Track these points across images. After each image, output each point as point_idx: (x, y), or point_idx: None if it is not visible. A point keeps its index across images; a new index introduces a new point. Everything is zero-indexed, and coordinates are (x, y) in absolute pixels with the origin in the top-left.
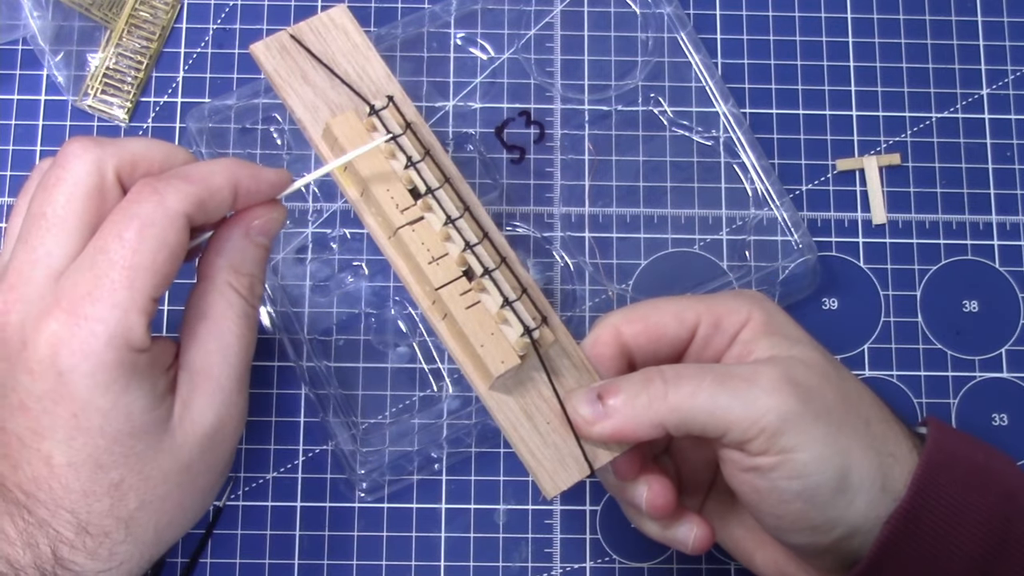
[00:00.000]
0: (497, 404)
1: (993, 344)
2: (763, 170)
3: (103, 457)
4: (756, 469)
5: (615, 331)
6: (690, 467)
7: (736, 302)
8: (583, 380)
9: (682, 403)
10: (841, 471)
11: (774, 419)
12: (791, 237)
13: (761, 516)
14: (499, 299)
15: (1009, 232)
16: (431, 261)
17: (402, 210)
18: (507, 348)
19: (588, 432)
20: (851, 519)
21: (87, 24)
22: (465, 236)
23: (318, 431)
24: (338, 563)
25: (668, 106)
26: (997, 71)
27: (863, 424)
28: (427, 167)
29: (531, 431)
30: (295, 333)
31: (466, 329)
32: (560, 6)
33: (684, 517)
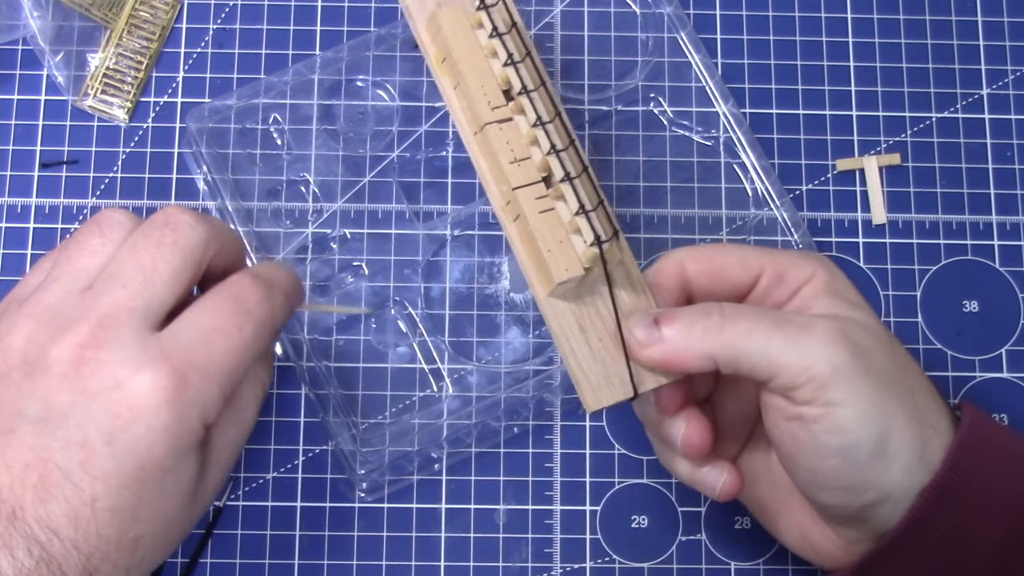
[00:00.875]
0: (553, 311)
1: (993, 344)
2: (763, 170)
3: (141, 511)
4: (799, 418)
5: (679, 265)
6: (728, 419)
7: (802, 259)
8: (641, 306)
9: (736, 339)
10: (882, 433)
11: (825, 369)
12: (791, 237)
13: (796, 469)
14: (575, 206)
15: (1009, 232)
16: (513, 161)
17: (493, 108)
18: (574, 257)
19: (639, 355)
20: (885, 484)
21: (87, 24)
22: (552, 140)
23: (318, 431)
24: (338, 563)
25: (668, 106)
26: (997, 71)
27: (909, 392)
28: (525, 69)
29: (582, 344)
30: (295, 333)
31: (536, 232)
32: (560, 6)
33: (716, 462)
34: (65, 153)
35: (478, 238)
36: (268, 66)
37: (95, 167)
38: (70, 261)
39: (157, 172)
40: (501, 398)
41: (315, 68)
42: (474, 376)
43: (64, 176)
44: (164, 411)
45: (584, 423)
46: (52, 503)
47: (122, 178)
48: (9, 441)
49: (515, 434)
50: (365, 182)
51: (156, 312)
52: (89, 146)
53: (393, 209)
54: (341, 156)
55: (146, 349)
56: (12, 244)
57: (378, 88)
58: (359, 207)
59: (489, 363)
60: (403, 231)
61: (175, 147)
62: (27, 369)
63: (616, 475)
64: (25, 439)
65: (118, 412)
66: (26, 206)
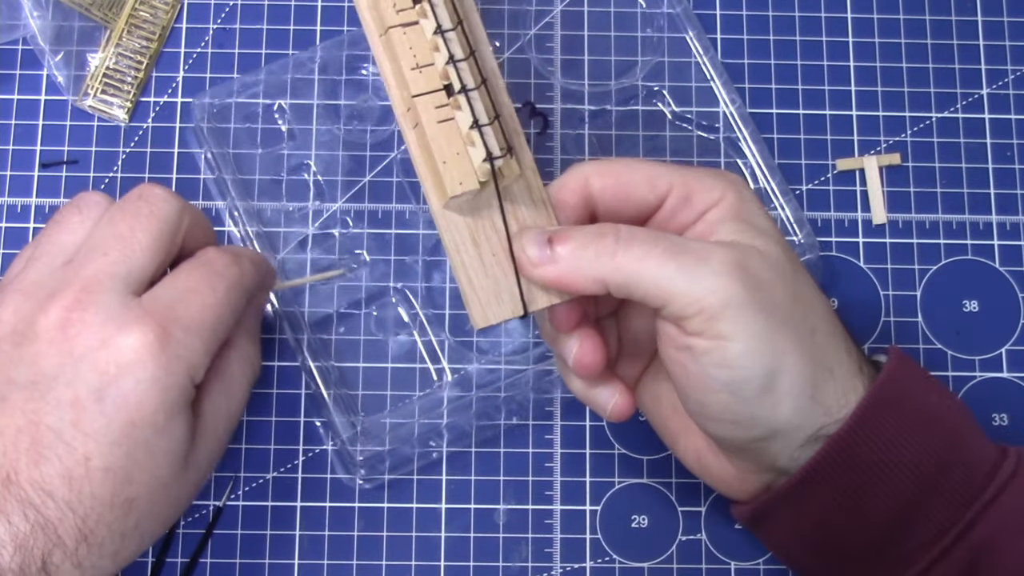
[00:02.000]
0: (447, 223)
1: (993, 344)
2: (768, 169)
3: (135, 471)
4: (688, 349)
5: (584, 180)
6: (632, 336)
7: (712, 180)
8: (539, 221)
9: (628, 265)
10: (771, 370)
11: (715, 302)
12: (796, 236)
13: (686, 400)
14: (469, 120)
15: (1009, 232)
16: (415, 67)
17: (398, 10)
18: (469, 170)
19: (530, 273)
20: (773, 421)
21: (87, 24)
22: (451, 49)
23: (318, 431)
24: (338, 563)
25: (674, 105)
26: (997, 71)
27: (808, 331)
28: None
29: (474, 258)
30: (296, 327)
31: (433, 143)
32: (560, 6)
33: (610, 382)
34: (65, 153)
35: None
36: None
37: (95, 167)
38: (50, 239)
39: (157, 172)
40: (501, 386)
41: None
42: (474, 366)
43: (64, 176)
44: (150, 364)
45: (584, 423)
46: (46, 464)
47: (122, 178)
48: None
49: (515, 429)
50: (366, 181)
51: (137, 278)
52: (89, 146)
53: (394, 208)
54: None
55: (129, 309)
56: (12, 244)
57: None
58: (367, 206)
59: (489, 354)
60: (405, 227)
61: (175, 147)
62: (16, 339)
63: (616, 475)
64: (17, 405)
65: (105, 369)
66: (26, 206)
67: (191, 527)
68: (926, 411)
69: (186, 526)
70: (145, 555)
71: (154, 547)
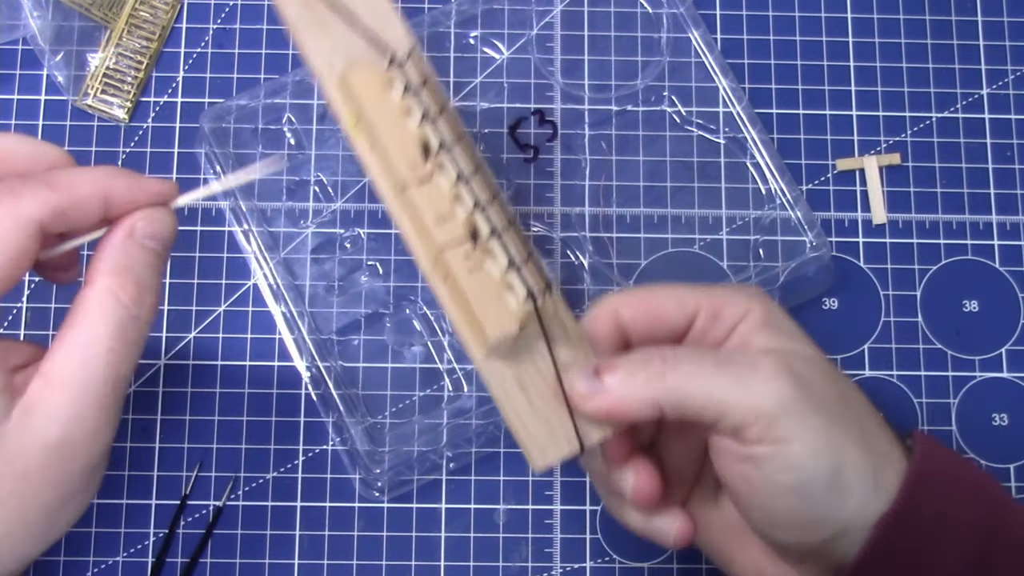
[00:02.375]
0: (491, 372)
1: (993, 344)
2: (777, 169)
3: None
4: (750, 459)
5: (614, 312)
6: (674, 463)
7: (737, 295)
8: (579, 358)
9: (680, 384)
10: (836, 466)
11: (772, 406)
12: (806, 237)
13: (751, 511)
14: (504, 262)
15: (1009, 232)
16: (437, 221)
17: (412, 168)
18: (507, 315)
19: (583, 407)
20: (843, 517)
21: (87, 24)
22: (476, 195)
23: (318, 431)
24: (338, 563)
25: (682, 106)
26: (997, 71)
27: (857, 422)
28: (442, 124)
29: (524, 403)
30: (312, 333)
31: (468, 292)
32: (560, 6)
33: (668, 509)
34: None
35: None
36: (268, 66)
37: None
38: None
39: (157, 172)
40: None
41: None
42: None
43: None
44: None
45: None
46: None
47: None
48: None
49: None
50: (365, 182)
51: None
52: (89, 146)
53: None
54: (342, 156)
55: None
56: None
57: None
58: (372, 207)
59: None
60: None
61: (175, 147)
62: None
63: None
64: None
65: None
66: None
67: (191, 527)
68: (964, 479)
69: (186, 526)
70: (145, 555)
71: (154, 547)
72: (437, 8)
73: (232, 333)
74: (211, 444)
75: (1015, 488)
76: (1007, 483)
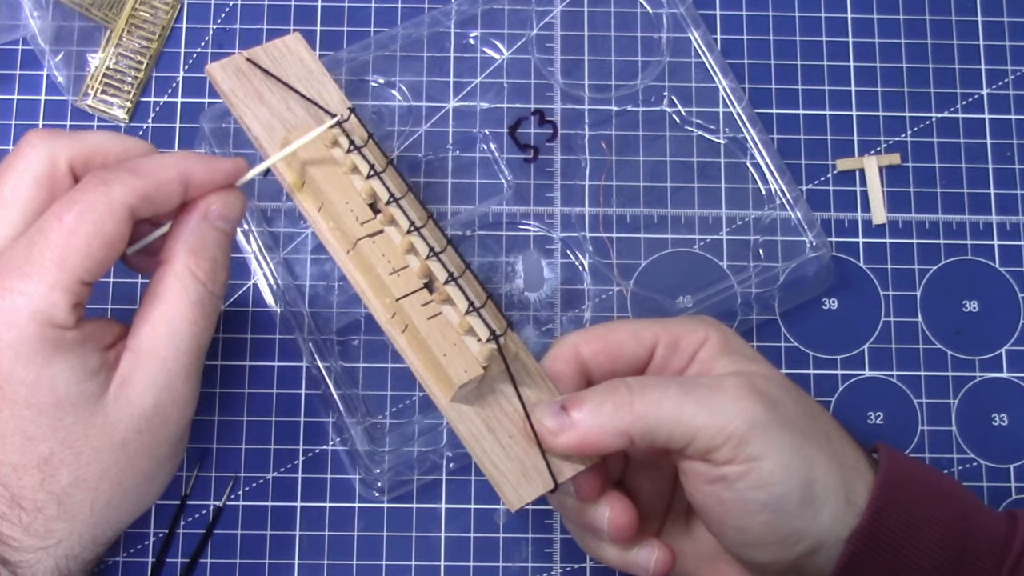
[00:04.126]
0: (459, 416)
1: (993, 344)
2: (777, 170)
3: (30, 429)
4: (722, 479)
5: (573, 349)
6: (644, 497)
7: (692, 323)
8: (543, 396)
9: (648, 411)
10: (807, 480)
11: (741, 425)
12: (806, 237)
13: (725, 532)
14: (464, 306)
15: (1009, 232)
16: (392, 272)
17: (362, 223)
18: (470, 358)
19: (553, 443)
20: (816, 532)
21: (87, 24)
22: (430, 243)
23: (318, 431)
24: (338, 563)
25: (682, 106)
26: (997, 71)
27: (824, 437)
28: (388, 179)
29: (493, 444)
30: (312, 333)
31: (428, 339)
32: (560, 6)
33: (644, 540)
34: None
35: (492, 238)
36: None
37: None
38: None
39: None
40: None
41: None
42: None
43: None
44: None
45: None
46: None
47: None
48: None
49: None
50: None
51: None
52: None
53: None
54: None
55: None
56: None
57: (392, 88)
58: None
59: None
60: None
61: (175, 147)
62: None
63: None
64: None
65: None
66: None
67: (191, 527)
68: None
69: (186, 526)
70: (145, 555)
71: (154, 547)
72: (437, 8)
73: (232, 333)
74: (211, 444)
75: (1015, 488)
76: (1007, 483)
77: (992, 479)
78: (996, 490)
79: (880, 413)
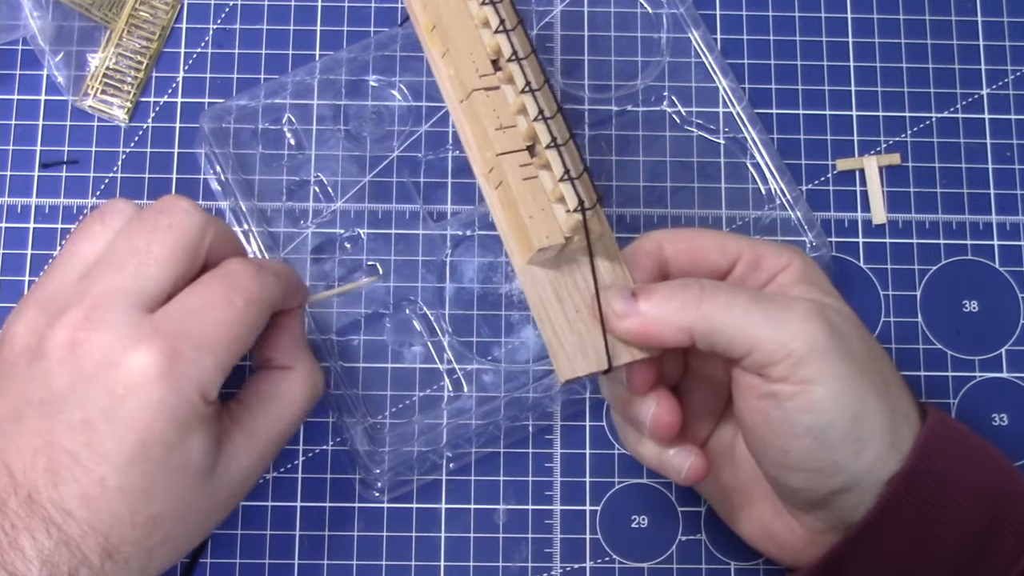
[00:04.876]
0: (531, 279)
1: (993, 344)
2: (777, 170)
3: (153, 488)
4: (772, 396)
5: (658, 245)
6: (694, 410)
7: (779, 248)
8: (618, 281)
9: (714, 312)
10: (856, 415)
11: (802, 345)
12: (806, 237)
13: (767, 450)
14: (560, 171)
15: (1009, 232)
16: (499, 128)
17: (481, 75)
18: (555, 225)
19: (616, 325)
20: (855, 469)
21: (87, 24)
22: (541, 105)
23: (318, 431)
24: (338, 563)
25: (682, 106)
26: (997, 71)
27: (882, 379)
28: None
29: (559, 313)
30: (312, 333)
31: (519, 198)
32: (560, 6)
33: (683, 444)
34: (65, 153)
35: (492, 238)
36: (268, 66)
37: (95, 167)
38: (71, 250)
39: (157, 172)
40: (501, 388)
41: (331, 67)
42: (490, 375)
43: (64, 176)
44: (158, 385)
45: (584, 423)
46: (63, 485)
47: (122, 178)
48: (19, 428)
49: (515, 429)
50: (365, 182)
51: (151, 293)
52: (89, 146)
53: (407, 209)
54: (355, 156)
55: (139, 327)
56: (12, 244)
57: (391, 88)
58: (372, 207)
59: (505, 361)
60: (416, 231)
61: (175, 147)
62: (29, 356)
63: (616, 475)
64: (32, 424)
65: (114, 390)
66: (26, 206)
67: None
68: (976, 447)
69: None
70: None
71: None
72: None
73: None
74: None
75: None
76: None
77: None
78: None
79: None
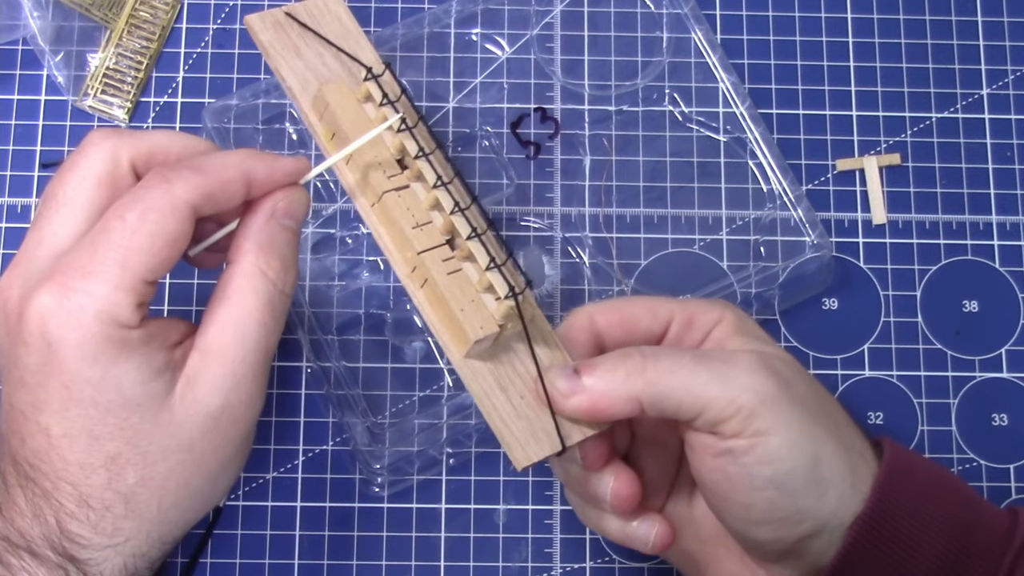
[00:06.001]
0: (472, 373)
1: (993, 344)
2: (779, 169)
3: (97, 428)
4: (728, 453)
5: (589, 319)
6: (648, 476)
7: (709, 304)
8: (557, 360)
9: (660, 377)
10: (814, 459)
11: (752, 398)
12: (808, 237)
13: (729, 507)
14: (486, 261)
15: (1009, 232)
16: (415, 226)
17: (389, 176)
18: (487, 314)
19: (564, 405)
20: (820, 513)
21: (87, 24)
22: (456, 198)
23: (318, 431)
24: (338, 563)
25: (684, 105)
26: (997, 71)
27: (833, 421)
28: (418, 134)
29: (504, 402)
30: (314, 332)
31: (447, 294)
32: (560, 6)
33: (645, 514)
34: (65, 153)
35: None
36: (268, 66)
37: None
38: None
39: None
40: None
41: None
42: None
43: None
44: (53, 326)
45: None
46: (27, 443)
47: None
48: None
49: None
50: None
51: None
52: None
53: None
54: None
55: (41, 274)
56: (12, 244)
57: None
58: None
59: None
60: None
61: None
62: None
63: None
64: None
65: (25, 342)
66: (26, 206)
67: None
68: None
69: None
70: None
71: None
72: (437, 7)
73: None
74: None
75: (1015, 488)
76: (1007, 483)
77: (992, 479)
78: (996, 490)
79: (880, 413)
